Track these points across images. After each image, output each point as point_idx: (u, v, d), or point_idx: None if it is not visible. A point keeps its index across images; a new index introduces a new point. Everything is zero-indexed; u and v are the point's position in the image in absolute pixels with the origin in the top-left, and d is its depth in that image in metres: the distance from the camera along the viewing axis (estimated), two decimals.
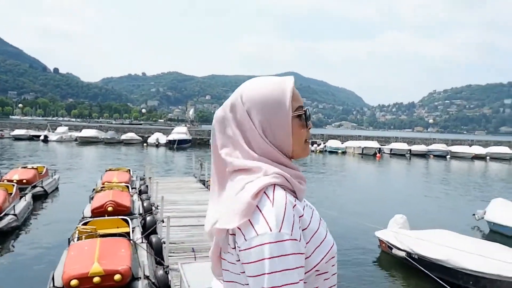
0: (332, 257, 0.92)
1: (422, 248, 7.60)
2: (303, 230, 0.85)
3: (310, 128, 0.98)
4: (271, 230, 0.79)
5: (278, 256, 0.78)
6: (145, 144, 43.95)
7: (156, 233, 8.27)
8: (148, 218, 9.07)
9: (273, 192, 0.85)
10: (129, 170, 15.40)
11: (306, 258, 0.85)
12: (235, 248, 0.85)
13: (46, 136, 43.23)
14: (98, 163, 25.51)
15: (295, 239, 0.81)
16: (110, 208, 9.63)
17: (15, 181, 12.88)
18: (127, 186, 11.84)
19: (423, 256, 7.44)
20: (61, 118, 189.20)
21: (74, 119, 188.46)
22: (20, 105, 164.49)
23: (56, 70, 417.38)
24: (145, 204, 10.41)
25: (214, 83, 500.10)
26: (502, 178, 27.43)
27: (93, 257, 5.68)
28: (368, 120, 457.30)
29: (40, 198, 13.61)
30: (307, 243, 0.86)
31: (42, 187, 13.78)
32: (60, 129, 46.86)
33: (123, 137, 45.00)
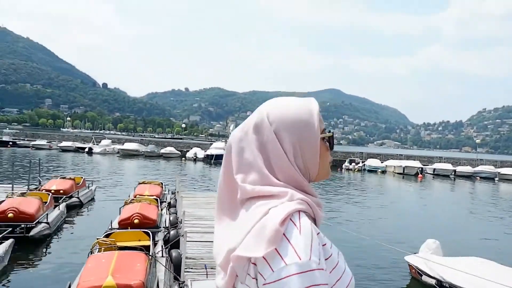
0: None
1: (454, 277, 7.09)
2: (325, 259, 0.80)
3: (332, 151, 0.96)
4: (300, 259, 0.74)
5: (309, 286, 0.73)
6: (183, 159, 44.78)
7: (178, 248, 8.27)
8: (172, 232, 9.10)
9: (299, 219, 0.79)
10: (161, 183, 15.65)
11: None
12: (255, 279, 0.78)
13: (90, 149, 45.12)
14: (136, 175, 26.17)
15: (322, 269, 0.76)
16: (136, 221, 9.76)
17: (52, 191, 13.40)
18: (156, 199, 11.97)
19: (454, 285, 6.94)
20: (107, 132, 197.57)
21: (119, 133, 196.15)
22: (68, 118, 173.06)
23: (105, 85, 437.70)
24: (171, 218, 10.47)
25: (255, 99, 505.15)
26: None
27: (108, 270, 5.69)
28: (412, 138, 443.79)
29: (75, 208, 14.10)
30: (330, 273, 0.81)
31: (77, 197, 14.26)
32: (104, 142, 48.79)
33: (163, 151, 46.14)
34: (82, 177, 15.91)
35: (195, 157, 44.61)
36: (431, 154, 66.81)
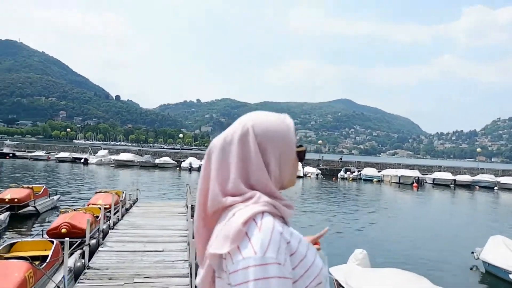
0: (320, 282, 0.94)
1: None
2: (290, 255, 0.89)
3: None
4: (255, 254, 0.84)
5: (261, 279, 0.82)
6: (177, 168, 44.70)
7: (92, 258, 8.01)
8: (92, 242, 8.82)
9: (261, 219, 0.89)
10: (122, 192, 15.39)
11: (294, 282, 0.89)
12: (226, 271, 0.89)
13: (86, 159, 45.37)
14: (116, 184, 26.10)
15: (279, 263, 0.85)
16: (63, 230, 9.58)
17: (7, 199, 13.33)
18: (100, 208, 11.74)
19: None
20: (118, 143, 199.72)
21: (129, 144, 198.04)
22: (71, 130, 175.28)
23: (117, 97, 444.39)
24: (104, 228, 10.21)
25: (267, 110, 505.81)
26: None
27: None
28: (425, 148, 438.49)
29: (31, 217, 13.98)
30: (294, 268, 0.90)
31: (34, 206, 14.14)
32: (101, 153, 49.07)
33: (157, 161, 46.15)
34: (43, 186, 15.81)
35: (190, 167, 44.48)
36: (443, 164, 65.21)
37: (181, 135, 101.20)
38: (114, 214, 11.82)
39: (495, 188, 38.94)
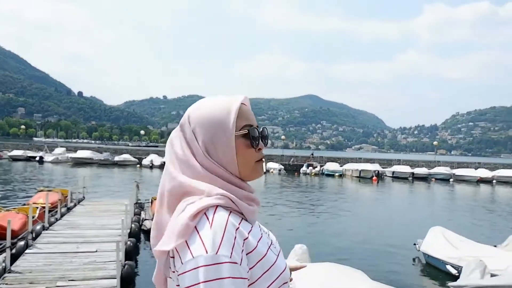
0: (284, 283, 0.88)
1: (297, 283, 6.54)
2: (247, 253, 0.82)
3: (260, 149, 0.95)
4: (206, 252, 0.76)
5: (213, 280, 0.75)
6: (137, 166, 43.67)
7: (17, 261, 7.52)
8: (20, 244, 8.31)
9: (214, 213, 0.82)
10: (67, 191, 14.69)
11: (251, 284, 0.82)
12: (175, 272, 0.82)
13: (41, 157, 43.53)
14: (68, 183, 25.10)
15: (234, 262, 0.77)
16: None
17: None
18: (37, 208, 11.15)
19: None
20: (80, 140, 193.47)
21: (92, 141, 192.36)
22: (31, 127, 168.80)
23: (80, 93, 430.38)
24: (38, 228, 9.67)
25: None
26: (506, 203, 25.45)
27: None
28: (389, 142, 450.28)
29: None
30: (252, 267, 0.82)
31: None
32: (57, 150, 47.24)
33: (117, 158, 44.88)
34: None
35: (151, 164, 43.55)
36: (404, 157, 66.49)
37: (142, 132, 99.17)
38: (51, 213, 11.26)
39: (451, 180, 40.32)
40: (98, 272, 7.09)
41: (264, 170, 0.91)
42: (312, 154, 51.88)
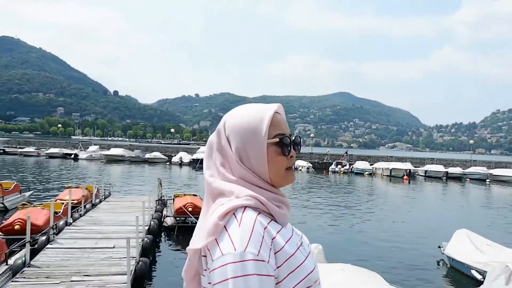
0: (309, 286, 0.89)
1: None
2: (275, 252, 0.85)
3: (292, 156, 0.98)
4: (235, 250, 0.80)
5: (241, 276, 0.78)
6: (167, 163, 44.42)
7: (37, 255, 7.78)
8: (42, 239, 8.58)
9: (242, 213, 0.86)
10: (93, 187, 15.10)
11: (278, 282, 0.85)
12: (207, 269, 0.86)
13: (76, 155, 45.06)
14: (98, 180, 25.85)
15: (262, 260, 0.81)
16: (17, 226, 9.38)
17: None
18: (62, 204, 11.52)
19: None
20: (116, 138, 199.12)
21: (127, 139, 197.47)
22: (69, 126, 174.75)
23: (115, 93, 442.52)
24: (61, 223, 9.97)
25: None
26: None
27: None
28: (424, 141, 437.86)
29: None
30: (279, 266, 0.85)
31: (2, 203, 13.91)
32: (91, 148, 48.81)
33: (147, 156, 45.84)
34: (14, 183, 15.58)
35: (180, 162, 44.20)
36: (441, 157, 64.42)
37: (172, 130, 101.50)
38: (76, 210, 11.60)
39: (487, 180, 38.68)
40: (112, 268, 7.23)
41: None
42: (346, 152, 50.98)
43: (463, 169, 42.14)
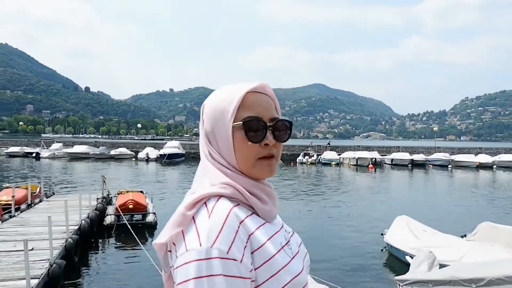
0: None
1: None
2: (252, 251, 0.73)
3: (267, 145, 0.82)
4: (200, 245, 0.68)
5: (205, 276, 0.66)
6: (133, 159, 43.53)
7: None
8: None
9: (216, 203, 0.75)
10: (36, 187, 14.45)
11: (256, 287, 0.72)
12: (172, 267, 0.74)
13: (38, 153, 43.59)
14: (54, 179, 24.97)
15: (232, 259, 0.68)
16: None
17: None
18: None
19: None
20: (87, 135, 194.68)
21: (100, 136, 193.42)
22: (39, 123, 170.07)
23: (87, 89, 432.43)
24: None
25: None
26: (504, 189, 24.75)
27: None
28: (397, 130, 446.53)
29: None
30: (257, 268, 0.73)
31: None
32: (54, 146, 47.31)
33: (113, 152, 44.77)
34: None
35: (147, 157, 43.39)
36: (414, 145, 65.32)
37: (139, 125, 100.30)
38: (9, 210, 11.02)
39: (449, 166, 39.57)
40: (21, 272, 6.77)
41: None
42: (329, 144, 50.99)
43: (427, 156, 42.95)
